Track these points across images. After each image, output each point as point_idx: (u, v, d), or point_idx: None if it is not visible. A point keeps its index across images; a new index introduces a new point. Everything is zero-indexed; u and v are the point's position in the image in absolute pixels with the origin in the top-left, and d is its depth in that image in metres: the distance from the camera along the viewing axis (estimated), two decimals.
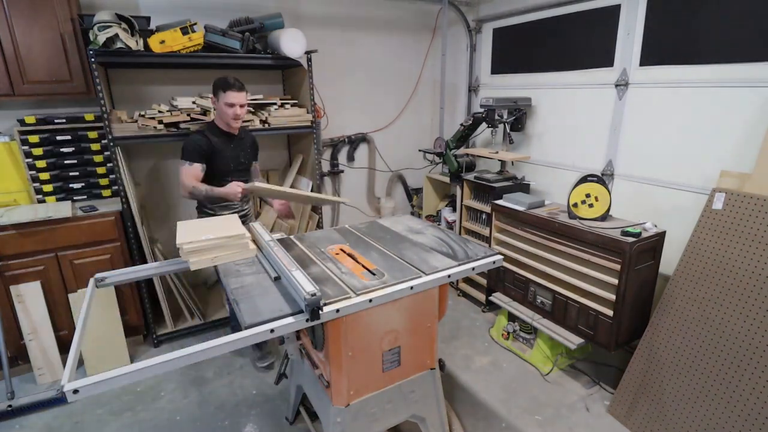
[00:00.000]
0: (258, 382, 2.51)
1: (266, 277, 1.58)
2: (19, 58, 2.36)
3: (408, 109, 4.09)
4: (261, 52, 2.83)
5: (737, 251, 1.90)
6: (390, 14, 3.73)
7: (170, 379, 2.53)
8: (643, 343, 2.17)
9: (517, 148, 3.38)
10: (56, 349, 2.52)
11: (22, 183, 2.60)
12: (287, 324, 1.32)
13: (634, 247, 2.06)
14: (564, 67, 3.01)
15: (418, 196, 4.20)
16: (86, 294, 1.59)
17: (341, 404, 1.57)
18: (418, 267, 1.65)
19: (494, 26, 3.51)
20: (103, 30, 2.26)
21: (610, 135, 2.75)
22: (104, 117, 2.42)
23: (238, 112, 2.30)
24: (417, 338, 1.69)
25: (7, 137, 2.53)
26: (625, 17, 2.59)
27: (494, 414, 2.27)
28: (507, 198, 2.77)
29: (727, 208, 1.96)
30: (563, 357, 2.59)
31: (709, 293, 1.97)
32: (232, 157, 2.42)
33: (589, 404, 2.32)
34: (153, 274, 1.86)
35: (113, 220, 2.58)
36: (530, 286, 2.64)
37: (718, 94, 2.22)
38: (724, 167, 2.17)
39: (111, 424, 2.22)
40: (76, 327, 1.40)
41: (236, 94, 2.26)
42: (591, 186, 2.33)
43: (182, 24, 2.49)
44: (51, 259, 2.47)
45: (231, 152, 2.41)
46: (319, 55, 3.06)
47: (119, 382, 1.14)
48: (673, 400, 2.01)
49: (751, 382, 1.77)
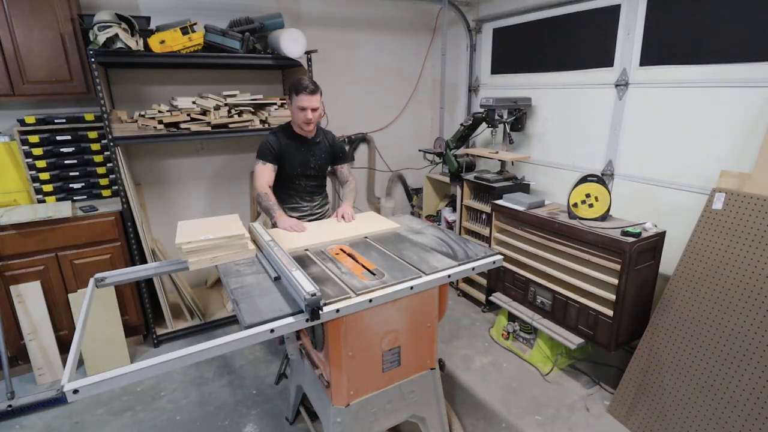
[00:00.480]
0: (258, 382, 2.51)
1: (266, 277, 1.58)
2: (19, 58, 2.36)
3: (408, 109, 4.09)
4: (261, 52, 2.83)
5: (737, 251, 1.90)
6: (390, 14, 3.73)
7: (170, 379, 2.53)
8: (643, 343, 2.17)
9: (517, 148, 3.38)
10: (56, 349, 2.52)
11: (22, 183, 2.60)
12: (287, 324, 1.32)
13: (634, 247, 2.06)
14: (564, 67, 3.01)
15: (418, 196, 4.20)
16: (86, 294, 1.59)
17: (341, 404, 1.57)
18: (418, 267, 1.64)
19: (494, 26, 3.51)
20: (103, 30, 2.26)
21: (610, 135, 2.75)
22: (104, 117, 2.42)
23: (309, 117, 2.19)
24: (417, 338, 1.68)
25: (7, 137, 2.53)
26: (625, 17, 2.59)
27: (494, 414, 2.27)
28: (507, 198, 2.77)
29: (727, 208, 1.96)
30: (563, 357, 2.59)
31: (709, 293, 1.97)
32: (300, 162, 2.33)
33: (589, 404, 2.32)
34: (153, 274, 1.86)
35: (113, 220, 2.58)
36: (530, 286, 2.64)
37: (718, 94, 2.22)
38: (724, 167, 2.17)
39: (111, 424, 2.22)
40: (76, 327, 1.40)
41: (308, 98, 2.15)
42: (591, 186, 2.33)
43: (182, 24, 2.49)
44: (51, 259, 2.47)
45: (301, 156, 2.32)
46: (319, 55, 3.06)
47: (119, 382, 1.14)
48: (673, 400, 2.01)
49: (751, 382, 1.77)
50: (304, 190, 2.42)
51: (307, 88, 2.14)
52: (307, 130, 2.27)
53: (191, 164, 3.22)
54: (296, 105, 2.17)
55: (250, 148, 3.36)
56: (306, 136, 2.31)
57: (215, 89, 2.86)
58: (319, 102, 2.22)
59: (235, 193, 3.43)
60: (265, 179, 2.22)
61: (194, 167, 3.24)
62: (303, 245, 1.83)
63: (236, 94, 2.80)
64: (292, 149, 2.29)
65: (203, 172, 3.28)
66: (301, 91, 2.14)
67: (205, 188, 3.32)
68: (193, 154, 3.20)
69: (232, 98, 2.77)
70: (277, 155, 2.25)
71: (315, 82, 2.21)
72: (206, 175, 3.30)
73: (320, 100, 2.22)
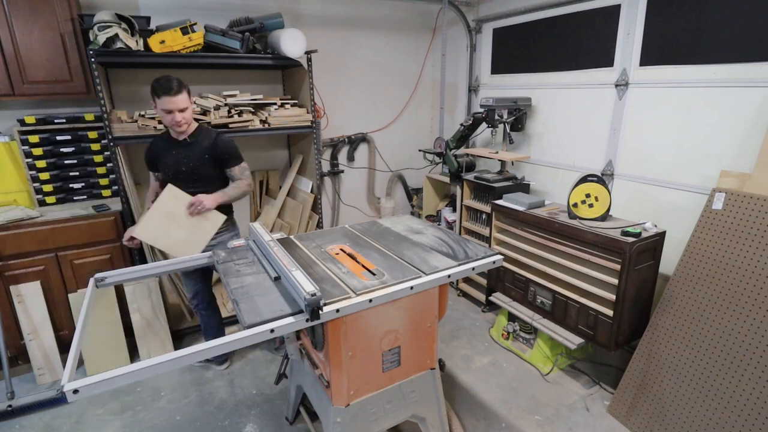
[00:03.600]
0: (258, 382, 2.51)
1: (266, 277, 1.58)
2: (19, 58, 2.36)
3: (408, 109, 4.09)
4: (261, 52, 2.83)
5: (737, 251, 1.90)
6: (390, 14, 3.73)
7: (170, 379, 2.53)
8: (643, 343, 2.17)
9: (517, 148, 3.38)
10: (56, 349, 2.52)
11: (22, 183, 2.60)
12: (287, 324, 1.32)
13: (634, 247, 2.06)
14: (564, 67, 3.01)
15: (418, 196, 4.20)
16: (86, 294, 1.59)
17: (341, 404, 1.57)
18: (418, 267, 1.65)
19: (494, 26, 3.51)
20: (103, 30, 2.26)
21: (610, 135, 2.75)
22: (104, 117, 2.42)
23: (177, 119, 2.05)
24: (417, 338, 1.68)
25: (7, 137, 2.53)
26: (625, 17, 2.58)
27: (494, 414, 2.27)
28: (507, 198, 2.77)
29: (727, 208, 1.96)
30: (563, 357, 2.59)
31: (709, 293, 1.97)
32: (171, 164, 2.21)
33: (589, 404, 2.32)
34: (153, 274, 1.86)
35: (113, 220, 2.58)
36: (530, 286, 2.64)
37: (718, 94, 2.22)
38: (724, 167, 2.17)
39: (111, 424, 2.22)
40: (76, 327, 1.40)
41: (171, 99, 2.00)
42: (591, 186, 2.33)
43: (182, 24, 2.50)
44: (51, 259, 2.47)
45: (171, 158, 2.21)
46: (319, 55, 3.06)
47: (119, 382, 1.14)
48: (673, 400, 2.01)
49: (751, 382, 1.77)
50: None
51: (170, 90, 1.98)
52: (178, 132, 2.15)
53: None
54: (161, 108, 2.03)
55: (250, 148, 3.36)
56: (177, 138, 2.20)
57: (215, 89, 2.86)
58: (187, 101, 2.07)
59: None
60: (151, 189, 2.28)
61: None
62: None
63: (236, 94, 2.81)
64: (164, 152, 2.21)
65: None
66: (162, 94, 1.98)
67: None
68: None
69: (232, 98, 2.77)
70: (152, 162, 2.25)
71: (179, 80, 2.03)
72: None
73: (188, 99, 2.08)
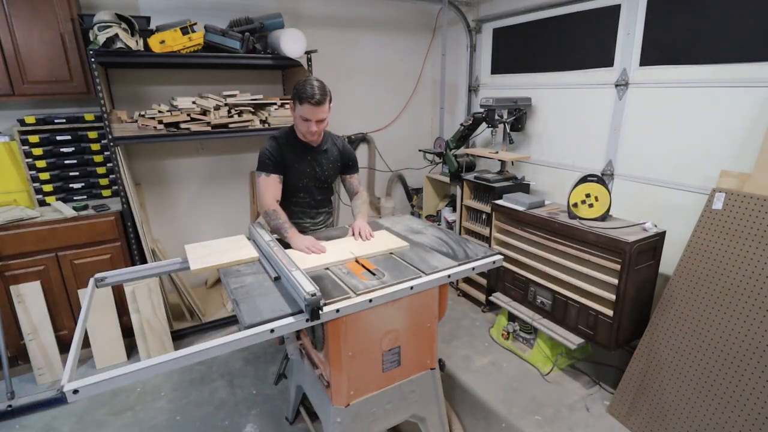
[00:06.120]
0: (258, 382, 2.51)
1: (266, 277, 1.58)
2: (19, 58, 2.35)
3: (408, 109, 4.09)
4: (261, 52, 2.83)
5: (737, 251, 1.90)
6: (390, 14, 3.73)
7: (170, 379, 2.53)
8: (643, 343, 2.17)
9: (517, 148, 3.38)
10: (56, 349, 2.52)
11: (22, 183, 2.60)
12: (287, 324, 1.32)
13: (634, 247, 2.06)
14: (564, 67, 3.01)
15: (418, 196, 4.20)
16: (86, 294, 1.59)
17: (341, 404, 1.57)
18: (418, 267, 1.65)
19: (494, 26, 3.51)
20: (103, 30, 2.26)
21: (610, 135, 2.75)
22: (104, 117, 2.42)
23: (313, 129, 1.89)
24: (417, 338, 1.68)
25: (7, 137, 2.53)
26: (625, 17, 2.58)
27: (494, 414, 2.26)
28: (507, 198, 2.77)
29: (727, 208, 1.96)
30: (563, 357, 2.59)
31: (709, 293, 1.97)
32: (306, 172, 2.05)
33: (589, 404, 2.32)
34: (153, 274, 1.86)
35: (113, 220, 2.58)
36: (530, 286, 2.64)
37: (718, 94, 2.22)
38: (724, 167, 2.17)
39: (111, 424, 2.22)
40: (77, 327, 1.40)
41: (313, 109, 1.83)
42: (591, 186, 2.33)
43: (182, 24, 2.49)
44: (51, 259, 2.47)
45: (307, 166, 2.05)
46: (319, 55, 3.06)
47: (119, 382, 1.14)
48: (673, 400, 2.01)
49: (751, 382, 1.77)
50: (308, 205, 2.15)
51: (313, 98, 1.81)
52: (310, 140, 2.01)
53: (191, 164, 3.22)
54: (299, 114, 1.88)
55: (251, 148, 3.36)
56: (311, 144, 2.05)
57: (215, 89, 2.86)
58: (327, 112, 1.90)
59: (235, 194, 3.43)
60: (271, 193, 1.94)
61: (194, 167, 3.23)
62: (323, 263, 1.67)
63: (236, 94, 2.80)
64: (296, 157, 2.01)
65: (203, 172, 3.28)
66: (305, 101, 1.82)
67: (205, 188, 3.31)
68: (193, 154, 3.20)
69: (232, 98, 2.77)
70: (280, 164, 1.97)
71: (324, 87, 1.86)
72: (206, 175, 3.30)
73: (328, 110, 1.90)
